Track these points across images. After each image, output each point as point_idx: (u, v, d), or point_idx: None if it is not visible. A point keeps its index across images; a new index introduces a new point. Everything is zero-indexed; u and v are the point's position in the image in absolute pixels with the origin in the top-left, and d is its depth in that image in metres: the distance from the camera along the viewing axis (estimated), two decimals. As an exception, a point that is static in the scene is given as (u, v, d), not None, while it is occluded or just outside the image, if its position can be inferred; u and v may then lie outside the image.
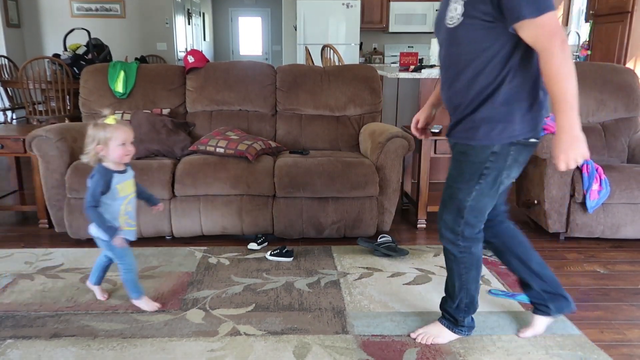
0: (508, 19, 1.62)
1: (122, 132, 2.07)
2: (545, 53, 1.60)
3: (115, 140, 2.05)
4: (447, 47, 1.80)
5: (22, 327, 2.12)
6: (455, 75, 1.79)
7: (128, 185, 2.17)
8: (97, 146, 2.05)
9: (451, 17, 1.74)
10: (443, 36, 1.81)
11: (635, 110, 3.47)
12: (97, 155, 2.07)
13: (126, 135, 2.08)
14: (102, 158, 2.09)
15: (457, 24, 1.73)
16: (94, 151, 2.06)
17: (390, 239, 2.93)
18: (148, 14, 8.31)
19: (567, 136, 1.60)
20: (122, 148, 2.07)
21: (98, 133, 2.04)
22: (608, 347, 2.02)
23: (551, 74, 1.60)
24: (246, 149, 2.98)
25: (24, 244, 3.05)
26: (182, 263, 2.77)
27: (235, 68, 3.61)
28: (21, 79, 4.95)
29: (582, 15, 6.42)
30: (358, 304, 2.34)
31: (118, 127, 2.06)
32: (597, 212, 2.99)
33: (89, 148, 2.07)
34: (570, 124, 1.59)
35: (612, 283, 2.61)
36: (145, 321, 2.17)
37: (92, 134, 2.06)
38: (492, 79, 1.72)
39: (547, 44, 1.58)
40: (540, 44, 1.61)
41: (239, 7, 12.97)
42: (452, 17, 1.73)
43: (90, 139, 2.06)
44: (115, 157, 2.08)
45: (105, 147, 2.05)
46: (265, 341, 2.03)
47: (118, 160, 2.10)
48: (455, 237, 1.91)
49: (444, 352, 1.97)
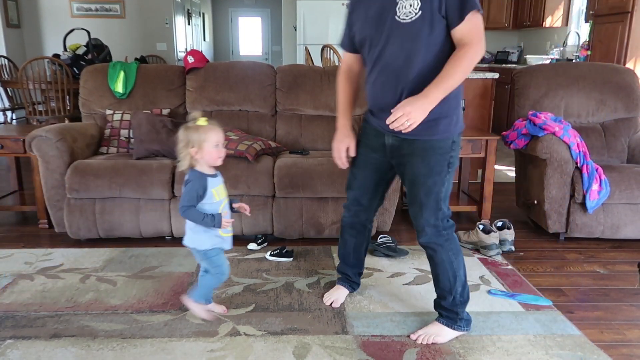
0: (464, 9, 1.75)
1: (216, 133, 1.99)
2: (470, 45, 1.78)
3: (210, 142, 1.97)
4: (401, 42, 1.82)
5: (21, 327, 2.12)
6: (410, 71, 1.83)
7: (221, 189, 2.10)
8: (191, 149, 1.97)
9: (406, 12, 1.79)
10: (391, 32, 1.83)
11: (635, 110, 3.47)
12: (191, 159, 2.00)
13: (219, 137, 2.01)
14: (194, 162, 2.01)
15: (414, 18, 1.78)
16: (189, 155, 1.99)
17: (390, 239, 2.93)
18: (148, 14, 8.31)
19: (425, 102, 1.76)
20: (216, 150, 2.00)
21: (191, 135, 1.97)
22: (608, 348, 2.02)
23: (461, 63, 1.78)
24: (246, 149, 2.98)
25: (24, 244, 3.05)
26: (182, 263, 2.77)
27: (235, 68, 3.61)
28: (21, 79, 4.95)
29: (582, 15, 6.43)
30: (358, 304, 2.34)
31: (211, 128, 1.99)
32: (597, 213, 2.99)
33: (182, 152, 1.99)
34: (435, 98, 1.78)
35: (612, 283, 2.61)
36: (145, 321, 2.17)
37: (184, 137, 1.98)
38: None
39: (477, 38, 1.78)
40: (471, 37, 1.78)
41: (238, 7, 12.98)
42: (408, 12, 1.79)
43: (184, 143, 1.98)
44: (210, 160, 2.01)
45: (200, 150, 1.97)
46: (265, 341, 2.03)
47: (212, 162, 2.02)
48: (437, 230, 1.99)
49: (444, 352, 1.97)
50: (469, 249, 3.00)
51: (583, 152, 2.97)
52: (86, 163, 2.96)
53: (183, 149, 1.99)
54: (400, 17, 1.80)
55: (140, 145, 3.15)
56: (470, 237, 3.00)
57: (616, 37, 4.86)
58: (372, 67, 1.93)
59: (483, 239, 2.91)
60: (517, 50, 7.90)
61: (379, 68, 1.90)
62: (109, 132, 3.36)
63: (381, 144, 2.02)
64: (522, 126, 3.18)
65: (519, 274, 2.68)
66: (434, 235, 2.00)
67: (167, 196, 2.95)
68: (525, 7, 7.37)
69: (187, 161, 2.00)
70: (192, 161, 2.01)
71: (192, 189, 1.99)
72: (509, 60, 7.85)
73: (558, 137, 2.96)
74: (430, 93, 1.77)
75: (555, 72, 3.52)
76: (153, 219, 2.99)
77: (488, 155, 3.27)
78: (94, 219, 2.96)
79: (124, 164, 2.96)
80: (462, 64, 1.78)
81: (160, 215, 2.98)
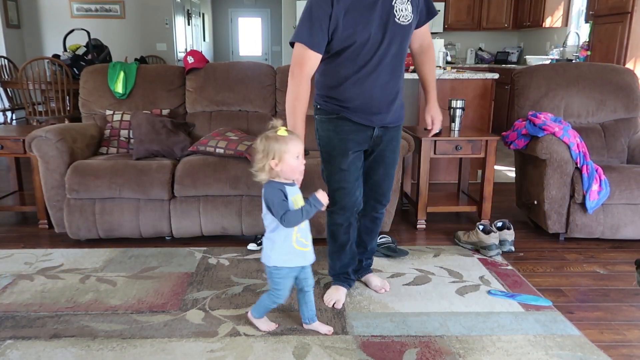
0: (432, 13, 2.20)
1: (297, 144, 1.88)
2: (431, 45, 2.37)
3: (291, 153, 1.86)
4: (401, 42, 2.08)
5: (21, 327, 2.12)
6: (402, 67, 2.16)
7: (299, 198, 1.96)
8: (272, 160, 1.86)
9: (404, 15, 2.04)
10: (396, 33, 2.05)
11: (635, 110, 3.47)
12: (271, 171, 1.88)
13: (301, 148, 1.89)
14: (273, 174, 1.90)
15: (411, 21, 2.08)
16: (268, 166, 1.87)
17: (390, 239, 2.93)
18: (148, 14, 8.31)
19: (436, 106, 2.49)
20: (297, 162, 1.88)
21: (272, 146, 1.85)
22: (608, 348, 2.02)
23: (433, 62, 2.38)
24: (246, 149, 2.98)
25: (24, 245, 3.05)
26: (181, 263, 2.77)
27: (234, 69, 3.61)
28: (21, 79, 4.95)
29: (581, 15, 6.43)
30: (358, 304, 2.34)
31: (292, 138, 1.88)
32: (596, 213, 2.99)
33: (261, 164, 1.88)
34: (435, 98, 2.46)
35: (612, 284, 2.61)
36: (145, 322, 2.17)
37: (264, 147, 1.86)
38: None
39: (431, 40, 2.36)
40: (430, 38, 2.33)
41: (238, 7, 12.98)
42: (406, 15, 2.05)
43: (263, 154, 1.86)
44: (289, 173, 1.89)
45: (281, 162, 1.86)
46: (265, 342, 2.03)
47: (291, 176, 1.91)
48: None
49: (444, 353, 1.97)
50: (469, 249, 3.00)
51: (583, 152, 2.97)
52: (86, 163, 2.96)
53: (262, 160, 1.88)
54: (401, 20, 2.04)
55: (140, 145, 3.15)
56: (470, 237, 3.00)
57: (616, 37, 4.86)
58: (373, 66, 2.04)
59: (483, 239, 2.91)
60: (517, 50, 7.90)
61: (383, 67, 2.06)
62: (108, 132, 3.36)
63: (368, 136, 2.18)
64: (522, 126, 3.18)
65: (518, 275, 2.68)
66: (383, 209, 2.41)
67: (167, 196, 2.95)
68: (525, 8, 7.38)
69: (266, 173, 1.89)
70: (271, 173, 1.89)
71: (275, 196, 1.88)
72: (509, 60, 7.86)
73: (558, 137, 2.96)
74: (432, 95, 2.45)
75: (555, 73, 3.52)
76: (153, 219, 2.99)
77: (488, 156, 3.27)
78: (94, 219, 2.96)
79: (124, 165, 2.96)
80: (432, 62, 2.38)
81: (160, 216, 2.98)
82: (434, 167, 4.45)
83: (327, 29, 1.98)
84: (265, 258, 1.99)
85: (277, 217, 1.89)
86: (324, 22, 1.97)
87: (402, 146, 3.00)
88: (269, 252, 1.97)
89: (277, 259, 1.96)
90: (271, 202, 1.89)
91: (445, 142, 3.23)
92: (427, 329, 2.13)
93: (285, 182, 1.91)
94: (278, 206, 1.87)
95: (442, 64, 4.84)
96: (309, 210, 1.90)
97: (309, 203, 1.91)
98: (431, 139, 3.21)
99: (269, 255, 1.97)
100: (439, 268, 2.74)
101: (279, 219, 1.88)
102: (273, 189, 1.89)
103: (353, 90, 2.07)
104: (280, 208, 1.87)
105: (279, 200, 1.87)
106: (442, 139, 3.22)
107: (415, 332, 2.11)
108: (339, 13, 1.96)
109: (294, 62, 2.07)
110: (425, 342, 2.04)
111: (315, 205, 1.91)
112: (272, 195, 1.89)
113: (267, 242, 1.98)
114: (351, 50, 2.01)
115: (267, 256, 1.98)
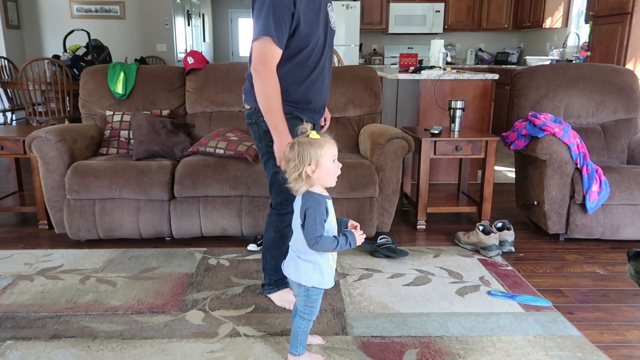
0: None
1: (332, 146, 1.71)
2: None
3: (328, 156, 1.68)
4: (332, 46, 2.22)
5: (21, 328, 2.12)
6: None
7: (334, 214, 1.79)
8: (308, 167, 1.67)
9: (334, 21, 2.20)
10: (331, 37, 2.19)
11: (635, 111, 3.47)
12: (308, 180, 1.69)
13: (336, 150, 1.73)
14: (310, 183, 1.71)
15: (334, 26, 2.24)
16: (305, 174, 1.68)
17: (390, 240, 2.93)
18: (148, 15, 8.31)
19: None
20: (333, 166, 1.72)
21: (306, 151, 1.66)
22: (608, 348, 2.02)
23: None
24: (246, 150, 2.99)
25: (24, 245, 3.05)
26: (181, 264, 2.77)
27: (234, 69, 3.61)
28: (21, 80, 4.95)
29: (581, 16, 6.43)
30: (358, 305, 2.34)
31: (326, 140, 1.70)
32: (596, 214, 2.99)
33: (296, 172, 1.69)
34: None
35: (612, 284, 2.61)
36: (145, 322, 2.17)
37: (297, 153, 1.68)
38: None
39: None
40: None
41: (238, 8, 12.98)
42: (334, 21, 2.21)
43: (298, 160, 1.67)
44: (327, 178, 1.71)
45: (318, 167, 1.68)
46: (265, 342, 2.03)
47: (329, 182, 1.73)
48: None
49: (444, 353, 1.97)
50: (469, 249, 3.00)
51: (583, 153, 2.97)
52: (86, 164, 2.96)
53: (296, 168, 1.68)
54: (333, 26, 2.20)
55: (140, 146, 3.15)
56: (470, 238, 3.01)
57: (616, 38, 4.86)
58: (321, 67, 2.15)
59: (483, 239, 2.91)
60: (517, 51, 7.90)
61: (327, 68, 2.20)
62: (108, 133, 3.36)
63: None
64: (522, 127, 3.18)
65: (518, 275, 2.68)
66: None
67: (167, 197, 2.95)
68: (525, 8, 7.38)
69: (304, 182, 1.69)
70: (308, 182, 1.70)
71: (317, 215, 1.68)
72: (509, 61, 7.86)
73: (558, 138, 2.96)
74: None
75: (555, 73, 3.52)
76: (153, 219, 2.99)
77: (488, 156, 3.27)
78: (94, 219, 2.96)
79: (124, 165, 2.96)
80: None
81: (160, 216, 2.98)
82: (434, 167, 4.45)
83: (289, 28, 1.99)
84: (305, 279, 1.78)
85: (309, 236, 1.69)
86: (287, 20, 1.96)
87: (401, 147, 3.01)
88: (309, 272, 1.78)
89: (319, 280, 1.79)
90: (312, 218, 1.68)
91: (445, 142, 3.23)
92: (427, 329, 2.13)
93: (325, 195, 1.75)
94: (318, 225, 1.69)
95: (442, 64, 4.83)
96: (342, 245, 1.72)
97: (345, 239, 1.72)
98: (431, 140, 3.21)
99: (310, 276, 1.78)
100: (439, 269, 2.74)
101: (310, 239, 1.69)
102: (317, 203, 1.70)
103: (308, 91, 2.14)
104: (318, 230, 1.68)
105: (321, 219, 1.69)
106: (442, 140, 3.22)
107: (415, 332, 2.11)
108: (300, 13, 1.98)
109: (258, 57, 1.98)
110: (425, 342, 2.04)
111: (350, 244, 1.73)
112: (315, 210, 1.69)
113: (302, 261, 1.79)
114: (305, 52, 2.07)
115: (308, 276, 1.78)
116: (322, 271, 1.78)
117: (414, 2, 7.72)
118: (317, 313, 1.87)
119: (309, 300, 1.82)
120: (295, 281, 1.82)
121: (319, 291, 1.82)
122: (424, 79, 4.29)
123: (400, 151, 3.01)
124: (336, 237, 1.72)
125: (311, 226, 1.68)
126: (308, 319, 1.84)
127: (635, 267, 1.63)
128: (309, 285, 1.79)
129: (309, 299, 1.81)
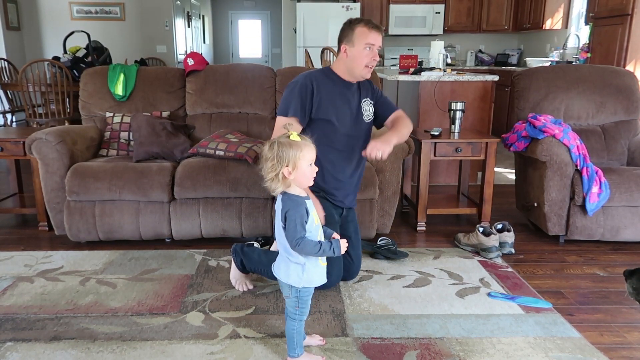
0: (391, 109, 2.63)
1: (311, 149, 1.73)
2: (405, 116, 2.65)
3: (305, 159, 1.70)
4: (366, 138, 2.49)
5: (21, 329, 2.11)
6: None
7: (316, 214, 1.81)
8: (285, 168, 1.68)
9: (367, 115, 2.51)
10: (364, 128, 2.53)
11: (635, 112, 3.47)
12: (284, 181, 1.71)
13: (314, 154, 1.75)
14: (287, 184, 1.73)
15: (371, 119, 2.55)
16: (281, 175, 1.69)
17: (390, 241, 2.93)
18: (148, 16, 8.33)
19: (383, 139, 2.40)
20: (310, 169, 1.73)
21: (285, 152, 1.67)
22: (608, 350, 2.02)
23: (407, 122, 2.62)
24: (246, 151, 2.99)
25: (24, 247, 3.05)
26: (181, 266, 2.77)
27: (234, 71, 3.61)
28: (21, 81, 4.95)
29: (581, 17, 6.43)
30: (358, 306, 2.34)
31: (306, 143, 1.72)
32: (596, 215, 2.99)
33: (273, 173, 1.70)
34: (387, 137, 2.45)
35: (612, 286, 2.61)
36: (145, 324, 2.17)
37: (276, 154, 1.68)
38: None
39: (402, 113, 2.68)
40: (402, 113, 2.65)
41: (238, 9, 13.00)
42: (368, 115, 2.52)
43: (275, 161, 1.68)
44: (304, 181, 1.73)
45: (295, 169, 1.69)
46: (265, 344, 2.03)
47: (305, 183, 1.74)
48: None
49: (444, 355, 1.96)
50: (469, 251, 3.00)
51: (583, 154, 2.97)
52: (86, 165, 2.96)
53: (274, 168, 1.69)
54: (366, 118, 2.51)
55: (140, 147, 3.16)
56: (470, 239, 3.00)
57: (616, 39, 4.87)
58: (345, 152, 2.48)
59: (483, 241, 2.91)
60: (517, 52, 7.91)
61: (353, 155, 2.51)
62: (108, 134, 3.36)
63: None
64: (522, 129, 3.18)
65: (518, 277, 2.68)
66: None
67: (167, 199, 2.95)
68: (525, 10, 7.39)
69: (281, 183, 1.71)
70: (284, 183, 1.72)
71: (297, 217, 1.69)
72: (509, 62, 7.86)
73: (558, 139, 2.96)
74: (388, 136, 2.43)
75: (555, 75, 3.52)
76: (153, 221, 2.98)
77: (488, 158, 3.27)
78: (94, 221, 2.96)
79: (124, 167, 2.96)
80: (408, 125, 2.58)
81: (159, 218, 2.98)
82: (434, 169, 4.45)
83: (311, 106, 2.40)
84: (294, 280, 1.79)
85: (290, 238, 1.70)
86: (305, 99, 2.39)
87: (401, 148, 3.01)
88: (299, 273, 1.78)
89: (308, 279, 1.80)
90: (292, 220, 1.70)
91: (445, 144, 3.23)
92: (427, 331, 2.13)
93: (303, 196, 1.76)
94: (299, 226, 1.70)
95: (442, 66, 4.83)
96: (326, 251, 1.74)
97: (329, 245, 1.74)
98: (431, 141, 3.21)
99: (299, 277, 1.78)
100: (439, 270, 2.74)
101: (292, 241, 1.70)
102: (296, 204, 1.71)
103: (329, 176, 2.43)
104: (298, 232, 1.69)
105: (301, 220, 1.70)
106: (442, 141, 3.22)
107: (415, 334, 2.11)
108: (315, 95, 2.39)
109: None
110: (425, 344, 2.04)
111: (334, 251, 1.75)
112: (295, 212, 1.70)
113: (292, 263, 1.79)
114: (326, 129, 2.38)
115: (298, 278, 1.79)
116: (311, 271, 1.80)
117: (414, 4, 7.73)
118: (308, 312, 1.88)
119: (300, 301, 1.83)
120: (285, 282, 1.83)
121: (309, 291, 1.84)
122: (424, 80, 4.30)
123: (400, 153, 3.01)
124: (320, 242, 1.73)
125: (292, 228, 1.70)
126: (299, 320, 1.85)
127: (632, 285, 1.66)
128: (299, 287, 1.81)
129: (300, 300, 1.83)
